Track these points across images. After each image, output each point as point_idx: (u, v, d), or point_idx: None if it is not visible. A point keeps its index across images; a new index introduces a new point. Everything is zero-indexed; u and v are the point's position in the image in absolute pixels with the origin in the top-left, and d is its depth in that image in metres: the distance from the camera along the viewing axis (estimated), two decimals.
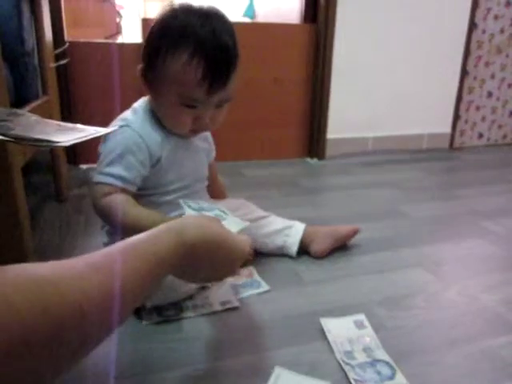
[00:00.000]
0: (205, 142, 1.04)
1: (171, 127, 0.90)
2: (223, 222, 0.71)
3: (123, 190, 0.85)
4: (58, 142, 0.52)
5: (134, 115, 0.91)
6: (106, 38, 2.62)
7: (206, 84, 0.82)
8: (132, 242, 0.54)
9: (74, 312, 0.41)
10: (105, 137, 0.89)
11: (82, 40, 1.77)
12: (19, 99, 1.12)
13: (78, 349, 0.44)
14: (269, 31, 1.94)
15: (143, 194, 0.91)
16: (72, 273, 0.44)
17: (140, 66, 0.88)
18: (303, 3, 2.02)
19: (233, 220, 0.78)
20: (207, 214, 0.76)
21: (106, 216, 0.85)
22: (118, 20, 3.22)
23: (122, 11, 3.38)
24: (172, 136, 0.91)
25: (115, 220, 0.84)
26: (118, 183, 0.85)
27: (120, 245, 0.53)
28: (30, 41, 1.18)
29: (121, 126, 0.87)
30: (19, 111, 0.63)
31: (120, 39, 3.10)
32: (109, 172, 0.85)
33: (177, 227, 0.60)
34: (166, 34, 0.83)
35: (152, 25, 0.86)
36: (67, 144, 0.53)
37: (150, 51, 0.85)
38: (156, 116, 0.91)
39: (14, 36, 1.11)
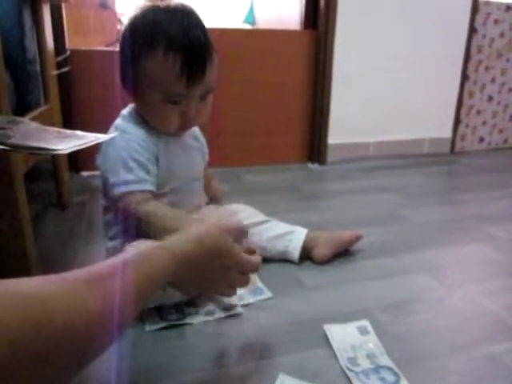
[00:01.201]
0: (196, 141, 1.05)
1: (159, 127, 0.91)
2: None
3: (150, 192, 0.88)
4: (56, 150, 0.52)
5: (125, 121, 0.92)
6: (107, 45, 2.62)
7: (184, 77, 0.83)
8: (124, 260, 0.54)
9: (63, 329, 0.40)
10: (101, 149, 0.90)
11: (83, 48, 1.78)
12: (21, 107, 1.12)
13: (72, 364, 0.43)
14: (269, 37, 1.95)
15: None
16: (62, 289, 0.44)
17: (119, 73, 0.89)
18: (303, 9, 2.03)
19: None
20: None
21: (147, 225, 0.86)
22: (119, 27, 3.23)
23: (122, 18, 3.39)
24: (162, 135, 0.93)
25: (155, 227, 0.85)
26: (144, 186, 0.87)
27: (111, 261, 0.53)
28: (32, 49, 1.18)
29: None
30: (19, 119, 0.63)
31: None
32: (131, 180, 0.87)
33: (169, 245, 0.60)
34: (138, 35, 0.84)
35: (123, 30, 0.88)
36: (66, 152, 0.53)
37: (125, 56, 0.87)
38: (143, 119, 0.92)
39: (16, 44, 1.12)
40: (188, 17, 0.85)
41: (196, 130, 1.05)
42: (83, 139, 0.56)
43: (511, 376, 0.75)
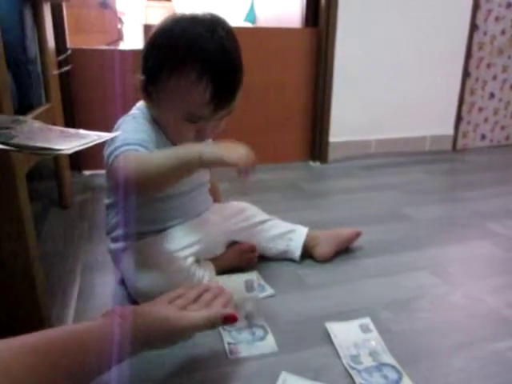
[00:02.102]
0: None
1: (174, 139, 0.89)
2: None
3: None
4: (60, 150, 0.52)
5: (134, 120, 0.88)
6: (108, 44, 2.63)
7: (212, 104, 0.81)
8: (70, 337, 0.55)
9: None
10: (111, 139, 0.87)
11: (84, 47, 1.78)
12: (22, 106, 1.12)
13: None
14: (270, 35, 1.95)
15: (147, 199, 0.91)
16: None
17: (140, 78, 0.85)
18: (304, 7, 2.02)
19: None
20: None
21: (135, 176, 0.73)
22: (119, 26, 3.24)
23: (123, 17, 3.40)
24: (172, 141, 0.90)
25: (148, 171, 0.73)
26: (132, 147, 0.76)
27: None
28: (33, 48, 1.19)
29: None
30: (22, 118, 0.63)
31: (122, 45, 3.12)
32: (119, 144, 0.77)
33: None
34: (172, 47, 0.80)
35: (153, 35, 0.83)
36: (69, 152, 0.53)
37: (152, 65, 0.83)
38: (155, 121, 0.89)
39: (17, 44, 1.12)
40: (227, 35, 0.81)
41: None
42: (86, 138, 0.56)
43: None
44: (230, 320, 0.69)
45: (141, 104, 0.92)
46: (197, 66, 0.78)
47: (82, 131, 0.60)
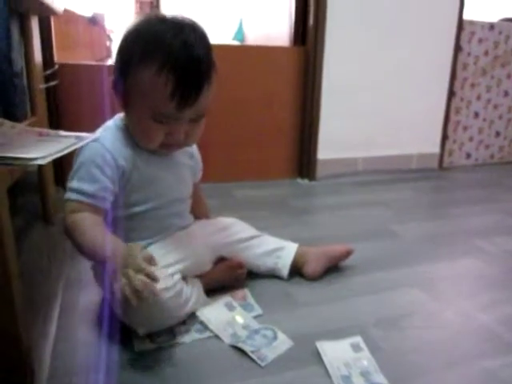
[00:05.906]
0: (190, 159, 1.01)
1: (140, 142, 0.87)
2: None
3: (91, 206, 0.82)
4: (34, 160, 0.49)
5: (105, 131, 0.88)
6: (97, 61, 2.62)
7: (175, 99, 0.79)
8: None
9: None
10: (78, 152, 0.86)
11: (71, 62, 1.77)
12: (7, 119, 1.10)
13: None
14: (258, 54, 1.96)
15: (125, 214, 0.89)
16: None
17: (111, 78, 0.85)
18: (292, 26, 2.05)
19: None
20: None
21: (68, 235, 0.82)
22: (108, 43, 3.24)
23: (112, 35, 3.40)
24: (144, 152, 0.89)
25: (75, 240, 0.81)
26: (84, 199, 0.82)
27: None
28: (19, 61, 1.17)
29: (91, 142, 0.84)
30: None
31: (110, 62, 3.11)
32: (75, 188, 0.82)
33: None
34: (138, 43, 0.80)
35: (123, 35, 0.84)
36: (44, 162, 0.50)
37: (120, 61, 0.83)
38: (129, 132, 0.88)
39: (3, 57, 1.10)
40: (193, 33, 0.81)
41: (193, 147, 1.01)
42: (64, 142, 0.54)
43: None
44: None
45: (117, 116, 0.92)
46: (159, 58, 0.78)
47: (61, 132, 0.58)
